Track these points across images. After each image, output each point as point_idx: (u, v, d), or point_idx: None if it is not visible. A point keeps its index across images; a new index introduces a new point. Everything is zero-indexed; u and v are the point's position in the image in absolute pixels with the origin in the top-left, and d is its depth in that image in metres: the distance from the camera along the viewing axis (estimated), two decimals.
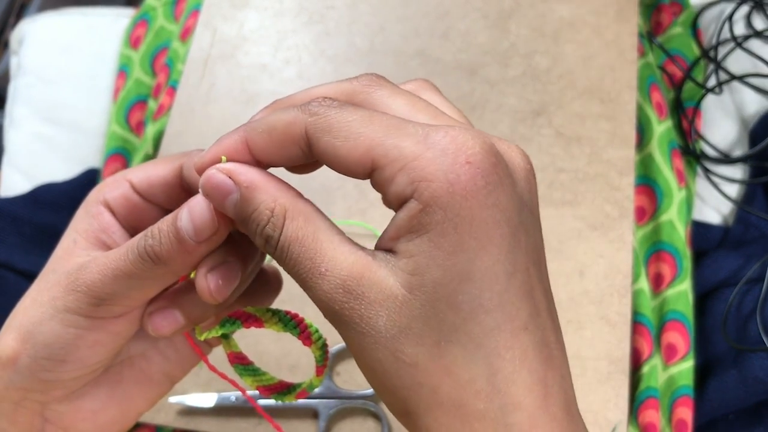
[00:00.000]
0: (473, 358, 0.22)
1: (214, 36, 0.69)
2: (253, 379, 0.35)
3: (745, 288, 0.61)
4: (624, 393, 0.54)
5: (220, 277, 0.28)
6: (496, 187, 0.23)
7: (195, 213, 0.27)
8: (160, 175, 0.32)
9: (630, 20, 0.66)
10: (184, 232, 0.27)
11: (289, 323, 0.31)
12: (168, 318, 0.30)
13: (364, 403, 0.54)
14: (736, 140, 0.69)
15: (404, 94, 0.26)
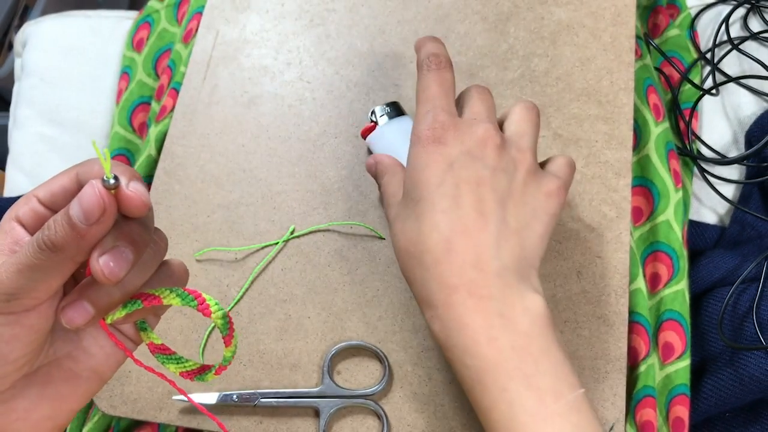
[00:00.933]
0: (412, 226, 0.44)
1: (216, 38, 0.70)
2: (176, 366, 0.38)
3: (741, 287, 0.62)
4: (621, 392, 0.55)
5: (111, 260, 0.31)
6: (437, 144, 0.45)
7: (83, 199, 0.30)
8: (60, 185, 0.34)
9: (627, 23, 0.66)
10: (75, 219, 0.30)
11: (187, 297, 0.34)
12: (78, 309, 0.33)
13: (364, 402, 0.55)
14: (732, 141, 0.70)
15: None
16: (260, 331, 0.58)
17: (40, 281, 0.31)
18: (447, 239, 0.41)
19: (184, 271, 0.38)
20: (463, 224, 0.41)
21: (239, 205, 0.63)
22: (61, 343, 0.37)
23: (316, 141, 0.64)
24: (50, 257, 0.31)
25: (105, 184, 0.30)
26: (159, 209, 0.63)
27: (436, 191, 0.42)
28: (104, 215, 0.30)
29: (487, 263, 0.40)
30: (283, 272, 0.60)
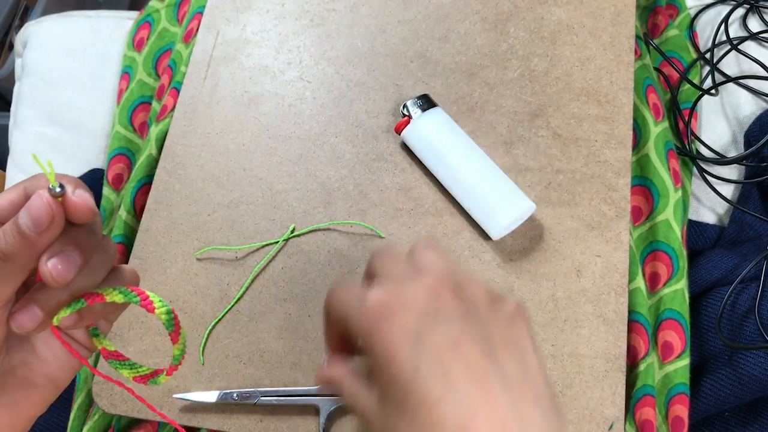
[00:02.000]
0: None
1: (217, 38, 0.70)
2: (129, 371, 0.38)
3: (740, 287, 0.62)
4: (621, 391, 0.55)
5: (59, 262, 0.32)
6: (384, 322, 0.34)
7: (32, 208, 0.31)
8: (8, 200, 0.34)
9: (627, 23, 0.66)
10: (24, 227, 0.31)
11: (129, 293, 0.35)
12: (28, 314, 0.33)
13: None
14: (731, 141, 0.70)
15: None
16: (260, 330, 0.59)
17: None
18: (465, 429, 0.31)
19: (135, 276, 0.38)
20: (471, 406, 0.31)
21: (240, 204, 0.63)
22: (16, 351, 0.38)
23: (316, 140, 0.65)
24: (1, 267, 0.31)
25: (51, 192, 0.31)
26: (160, 208, 0.63)
27: (418, 379, 0.32)
28: (53, 222, 0.31)
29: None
30: (283, 271, 0.60)
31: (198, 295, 0.60)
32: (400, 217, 0.61)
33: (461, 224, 0.61)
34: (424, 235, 0.60)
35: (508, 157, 0.62)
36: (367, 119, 0.65)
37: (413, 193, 0.62)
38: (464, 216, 0.61)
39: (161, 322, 0.36)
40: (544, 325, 0.57)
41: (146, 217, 0.63)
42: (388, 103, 0.66)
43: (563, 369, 0.56)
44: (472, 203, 0.59)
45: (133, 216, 0.67)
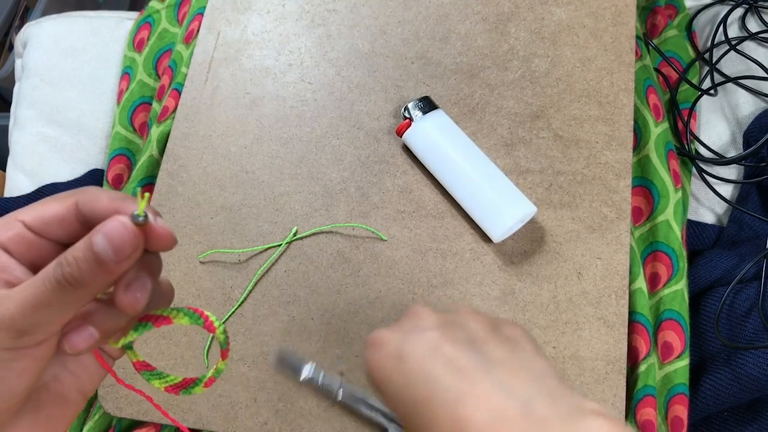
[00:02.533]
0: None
1: (218, 39, 0.70)
2: (160, 382, 0.38)
3: (739, 287, 0.62)
4: (621, 393, 0.55)
5: (138, 291, 0.31)
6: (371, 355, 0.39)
7: (113, 235, 0.29)
8: (53, 213, 0.33)
9: (627, 23, 0.66)
10: (104, 255, 0.29)
11: (194, 315, 0.35)
12: (83, 335, 0.32)
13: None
14: (730, 141, 0.71)
15: None
16: (264, 333, 0.59)
17: (56, 316, 0.31)
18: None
19: (171, 287, 0.38)
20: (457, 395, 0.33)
21: (242, 206, 0.63)
22: (48, 367, 0.36)
23: (317, 142, 0.65)
24: (70, 293, 0.30)
25: (135, 220, 0.30)
26: (163, 211, 0.63)
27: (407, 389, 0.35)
28: (135, 252, 0.30)
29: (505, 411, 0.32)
30: (286, 274, 0.61)
31: (201, 298, 0.60)
32: (402, 220, 0.61)
33: (462, 227, 0.61)
34: (423, 239, 0.60)
35: (509, 159, 0.63)
36: (369, 121, 0.65)
37: (415, 195, 0.62)
38: (465, 218, 0.61)
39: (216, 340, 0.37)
40: (545, 327, 0.57)
41: None
42: (389, 105, 0.66)
43: (564, 371, 0.56)
44: (474, 206, 0.59)
45: None
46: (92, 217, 0.33)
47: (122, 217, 0.30)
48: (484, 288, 0.59)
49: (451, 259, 0.60)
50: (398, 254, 0.60)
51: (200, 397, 0.57)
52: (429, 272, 0.60)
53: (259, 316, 0.59)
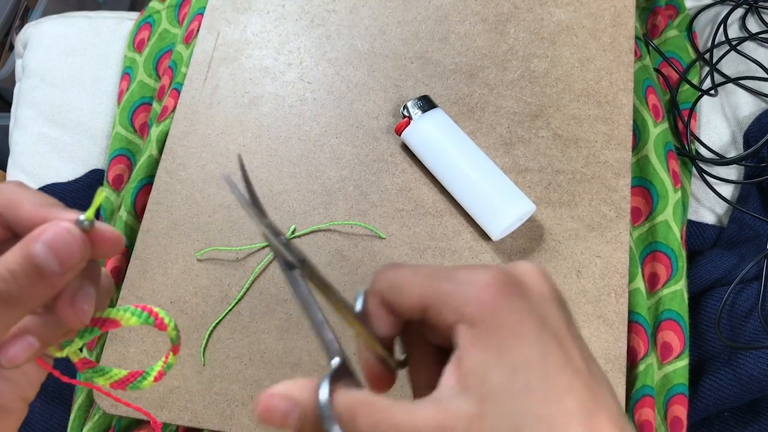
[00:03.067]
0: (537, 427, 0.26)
1: (218, 39, 0.70)
2: (104, 379, 0.35)
3: (740, 287, 0.62)
4: (620, 391, 0.55)
5: (84, 302, 0.29)
6: (514, 296, 0.28)
7: (57, 245, 0.26)
8: None
9: (626, 24, 0.66)
10: (47, 268, 0.26)
11: (142, 315, 0.32)
12: (22, 345, 0.29)
13: None
14: (730, 141, 0.70)
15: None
16: (261, 330, 0.59)
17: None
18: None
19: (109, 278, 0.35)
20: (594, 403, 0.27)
21: (240, 205, 0.63)
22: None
23: (316, 141, 0.65)
24: (5, 312, 0.27)
25: (81, 225, 0.27)
26: (160, 209, 0.63)
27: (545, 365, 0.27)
28: (82, 261, 0.27)
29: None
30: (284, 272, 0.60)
31: (199, 296, 0.60)
32: (401, 218, 0.61)
33: (461, 225, 0.61)
34: (422, 238, 0.60)
35: (508, 158, 0.63)
36: (368, 120, 0.65)
37: (413, 193, 0.62)
38: (464, 217, 0.61)
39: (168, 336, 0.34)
40: None
41: (147, 218, 0.63)
42: (388, 104, 0.66)
43: None
44: (473, 204, 0.59)
45: (134, 217, 0.67)
46: (16, 224, 0.29)
47: (65, 222, 0.27)
48: None
49: (449, 257, 0.60)
50: (397, 252, 0.60)
51: (196, 395, 0.57)
52: None
53: (257, 313, 0.59)
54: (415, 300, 0.29)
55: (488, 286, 0.28)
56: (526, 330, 0.27)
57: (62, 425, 0.66)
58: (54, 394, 0.67)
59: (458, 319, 0.28)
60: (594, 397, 0.27)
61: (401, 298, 0.30)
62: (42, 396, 0.67)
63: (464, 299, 0.28)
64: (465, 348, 0.27)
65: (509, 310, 0.27)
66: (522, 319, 0.27)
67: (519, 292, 0.28)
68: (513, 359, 0.26)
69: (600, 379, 0.28)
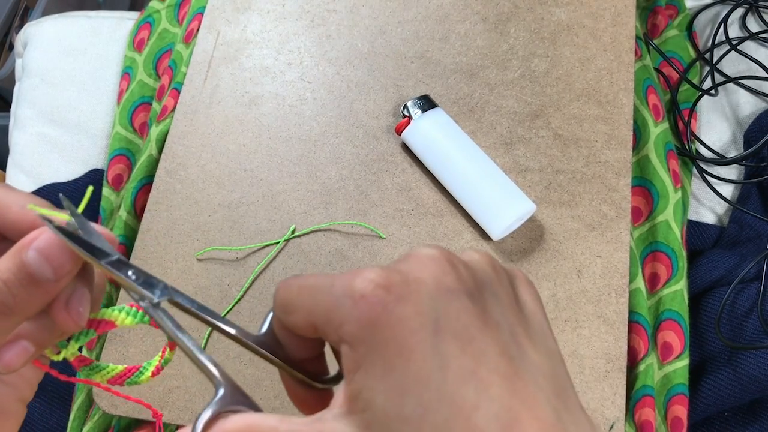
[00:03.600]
0: None
1: (218, 39, 0.70)
2: (101, 375, 0.34)
3: (740, 287, 0.62)
4: (621, 391, 0.55)
5: (80, 305, 0.28)
6: (398, 301, 0.24)
7: (50, 250, 0.26)
8: None
9: (627, 23, 0.66)
10: (40, 275, 0.26)
11: (137, 314, 0.32)
12: (17, 350, 0.28)
13: None
14: (731, 141, 0.70)
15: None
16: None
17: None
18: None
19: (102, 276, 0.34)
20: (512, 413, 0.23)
21: (240, 204, 0.63)
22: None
23: (316, 141, 0.65)
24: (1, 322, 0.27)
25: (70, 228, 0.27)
26: (160, 209, 0.63)
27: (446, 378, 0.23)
28: (76, 266, 0.27)
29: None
30: (284, 272, 0.60)
31: (199, 295, 0.60)
32: (401, 218, 0.61)
33: (462, 225, 0.61)
34: (422, 237, 0.60)
35: (508, 158, 0.63)
36: (368, 120, 0.65)
37: (414, 193, 0.62)
38: (465, 216, 0.61)
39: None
40: None
41: (147, 218, 0.63)
42: (388, 104, 0.66)
43: None
44: (473, 204, 0.59)
45: (134, 216, 0.67)
46: (3, 228, 0.29)
47: (51, 228, 0.26)
48: None
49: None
50: (397, 252, 0.60)
51: (196, 395, 0.57)
52: None
53: (256, 314, 0.59)
54: (303, 321, 0.26)
55: (363, 298, 0.24)
56: (416, 341, 0.23)
57: (62, 425, 0.66)
58: (53, 394, 0.67)
59: (339, 340, 0.24)
60: (521, 401, 0.23)
61: (293, 320, 0.27)
62: (41, 396, 0.67)
63: (341, 317, 0.24)
64: (349, 372, 0.24)
65: (391, 323, 0.23)
66: (410, 329, 0.23)
67: (404, 295, 0.24)
68: (401, 380, 0.23)
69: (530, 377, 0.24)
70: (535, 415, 0.22)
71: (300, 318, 0.26)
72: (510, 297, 0.27)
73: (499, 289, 0.27)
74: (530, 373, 0.24)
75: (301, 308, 0.26)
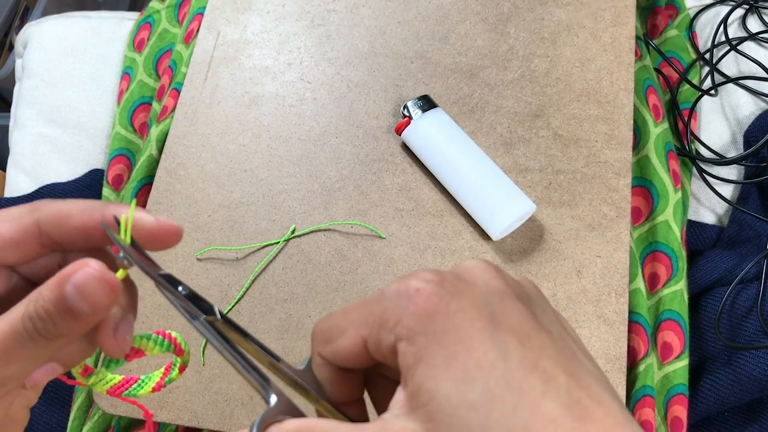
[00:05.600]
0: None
1: (218, 39, 0.70)
2: (100, 385, 0.34)
3: (740, 287, 0.62)
4: (621, 391, 0.55)
5: (126, 333, 0.28)
6: (453, 295, 0.24)
7: (87, 287, 0.26)
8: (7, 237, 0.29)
9: (627, 23, 0.66)
10: (77, 309, 0.26)
11: (164, 343, 0.32)
12: (45, 369, 0.29)
13: None
14: (730, 141, 0.70)
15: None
16: (261, 330, 0.59)
17: (29, 368, 0.28)
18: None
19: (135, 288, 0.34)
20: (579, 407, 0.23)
21: (240, 204, 0.63)
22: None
23: (316, 141, 0.65)
24: (44, 347, 0.27)
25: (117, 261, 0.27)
26: (160, 209, 0.63)
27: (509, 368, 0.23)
28: (113, 302, 0.27)
29: None
30: (283, 271, 0.60)
31: None
32: (401, 218, 0.61)
33: (462, 225, 0.61)
34: (422, 237, 0.60)
35: (508, 158, 0.63)
36: (368, 120, 0.65)
37: (414, 193, 0.62)
38: (465, 216, 0.61)
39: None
40: None
41: None
42: (388, 104, 0.66)
43: None
44: (473, 204, 0.59)
45: None
46: (60, 237, 0.29)
47: (94, 262, 0.26)
48: None
49: (450, 257, 0.60)
50: (397, 252, 0.60)
51: (195, 395, 0.57)
52: None
53: (256, 313, 0.59)
54: (352, 340, 0.26)
55: (419, 292, 0.24)
56: (475, 330, 0.24)
57: (62, 425, 0.66)
58: (53, 394, 0.67)
59: (396, 338, 0.24)
60: (588, 396, 0.23)
61: (339, 344, 0.27)
62: (41, 397, 0.67)
63: (396, 314, 0.25)
64: (410, 367, 0.24)
65: (449, 313, 0.24)
66: (468, 319, 0.24)
67: (458, 290, 0.25)
68: (464, 368, 0.23)
69: (593, 378, 0.24)
70: (607, 411, 0.23)
71: (348, 338, 0.26)
72: (553, 312, 0.27)
73: (544, 304, 0.27)
74: (589, 372, 0.24)
75: (349, 325, 0.26)
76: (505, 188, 0.59)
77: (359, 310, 0.26)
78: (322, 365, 0.28)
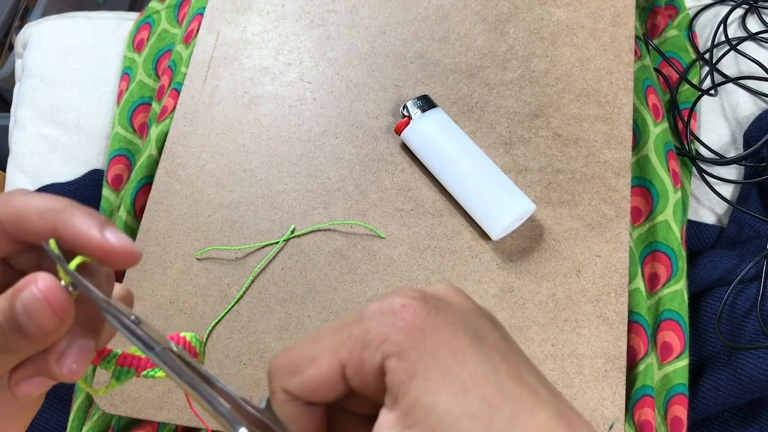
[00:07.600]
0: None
1: (217, 39, 0.70)
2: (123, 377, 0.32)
3: (740, 287, 0.62)
4: (621, 391, 0.55)
5: (74, 362, 0.27)
6: (438, 310, 0.25)
7: (33, 308, 0.25)
8: None
9: (626, 23, 0.66)
10: (26, 327, 0.25)
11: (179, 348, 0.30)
12: (34, 383, 0.28)
13: None
14: (730, 141, 0.70)
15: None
16: (260, 330, 0.59)
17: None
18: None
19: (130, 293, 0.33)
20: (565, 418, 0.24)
21: (240, 204, 0.63)
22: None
23: (316, 141, 0.65)
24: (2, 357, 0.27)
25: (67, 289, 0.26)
26: (160, 209, 0.63)
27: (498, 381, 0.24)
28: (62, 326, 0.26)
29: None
30: (283, 271, 0.60)
31: (198, 295, 0.60)
32: (400, 218, 0.61)
33: (461, 224, 0.61)
34: (422, 237, 0.60)
35: (507, 158, 0.63)
36: (367, 120, 0.65)
37: (413, 193, 0.62)
38: (464, 216, 0.61)
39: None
40: (544, 325, 0.57)
41: (146, 218, 0.63)
42: (388, 104, 0.66)
43: (563, 369, 0.56)
44: (472, 203, 0.59)
45: (133, 216, 0.67)
46: (22, 237, 0.28)
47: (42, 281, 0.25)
48: (483, 286, 0.58)
49: (449, 256, 0.60)
50: (396, 252, 0.60)
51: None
52: (427, 270, 0.59)
53: (256, 313, 0.59)
54: (326, 369, 0.25)
55: (405, 308, 0.24)
56: (465, 344, 0.24)
57: (61, 425, 0.66)
58: (53, 394, 0.67)
59: (384, 356, 0.24)
60: (567, 408, 0.24)
61: (309, 374, 0.25)
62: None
63: (382, 333, 0.24)
64: (402, 383, 0.23)
65: (438, 327, 0.24)
66: (456, 334, 0.24)
67: (441, 306, 0.25)
68: (460, 378, 0.23)
69: (562, 397, 0.25)
70: (584, 422, 0.24)
71: (322, 365, 0.25)
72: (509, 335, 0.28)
73: (502, 327, 0.27)
74: (556, 392, 0.25)
75: (323, 352, 0.25)
76: (505, 188, 0.59)
77: (335, 335, 0.25)
78: (285, 402, 0.26)
